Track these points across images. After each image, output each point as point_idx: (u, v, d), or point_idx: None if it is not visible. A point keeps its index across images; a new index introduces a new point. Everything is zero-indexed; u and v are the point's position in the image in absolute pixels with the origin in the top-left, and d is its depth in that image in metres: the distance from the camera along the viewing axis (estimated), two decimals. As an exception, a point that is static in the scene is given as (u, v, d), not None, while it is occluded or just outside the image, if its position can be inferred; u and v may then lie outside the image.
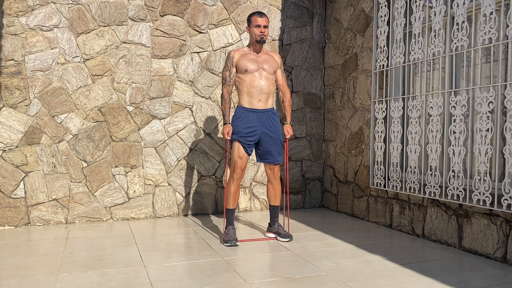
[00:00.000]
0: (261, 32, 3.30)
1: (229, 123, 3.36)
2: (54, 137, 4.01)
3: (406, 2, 3.74)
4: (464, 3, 3.09)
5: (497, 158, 3.00)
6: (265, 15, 3.35)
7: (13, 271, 2.65)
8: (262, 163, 4.63)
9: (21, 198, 3.92)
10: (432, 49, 3.37)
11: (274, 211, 3.51)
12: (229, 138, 3.33)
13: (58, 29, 4.00)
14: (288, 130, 3.47)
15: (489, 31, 2.89)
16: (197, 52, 4.44)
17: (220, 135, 4.51)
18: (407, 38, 3.78)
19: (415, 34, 3.56)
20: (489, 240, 2.92)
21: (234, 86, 3.44)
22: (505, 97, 2.85)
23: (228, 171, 4.35)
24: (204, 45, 4.46)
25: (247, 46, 3.44)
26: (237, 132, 3.32)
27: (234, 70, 3.35)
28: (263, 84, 3.33)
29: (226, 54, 4.53)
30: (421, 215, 3.53)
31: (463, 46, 3.11)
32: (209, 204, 4.52)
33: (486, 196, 2.89)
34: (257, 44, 3.36)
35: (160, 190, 4.34)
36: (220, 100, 3.35)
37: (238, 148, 3.32)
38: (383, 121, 3.96)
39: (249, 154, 3.36)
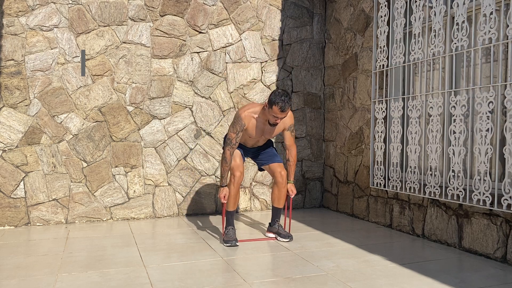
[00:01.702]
0: (276, 122, 3.15)
1: (226, 186, 3.33)
2: (54, 137, 4.01)
3: (406, 2, 3.74)
4: (464, 3, 3.09)
5: (497, 158, 3.00)
6: (289, 105, 3.06)
7: (13, 271, 2.65)
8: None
9: (21, 198, 3.92)
10: (432, 49, 3.37)
11: (276, 212, 3.50)
12: (225, 202, 3.35)
13: (58, 29, 4.00)
14: (292, 189, 3.46)
15: (489, 31, 2.89)
16: (197, 52, 4.44)
17: (219, 134, 4.51)
18: (407, 38, 3.78)
19: (415, 34, 3.56)
20: (489, 240, 2.92)
21: None
22: (505, 97, 2.85)
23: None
24: (204, 45, 4.46)
25: (262, 109, 3.23)
26: None
27: (241, 134, 3.28)
28: (259, 144, 3.47)
29: (227, 54, 4.53)
30: (421, 215, 3.53)
31: (463, 46, 3.11)
32: (209, 204, 4.52)
33: (486, 196, 2.89)
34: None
35: (160, 190, 4.34)
36: (221, 161, 3.34)
37: (234, 153, 3.38)
38: (383, 121, 3.96)
39: (244, 157, 3.46)
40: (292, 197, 3.49)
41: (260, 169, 3.66)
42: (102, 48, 4.13)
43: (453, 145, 3.16)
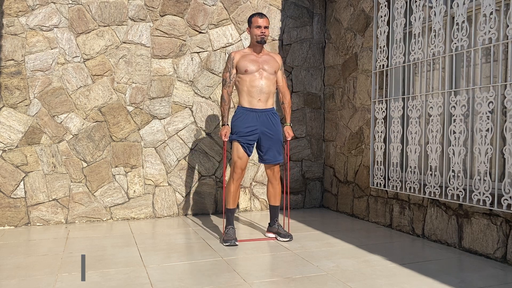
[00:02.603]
0: (262, 32, 3.32)
1: (227, 124, 3.38)
2: (54, 137, 4.01)
3: (406, 2, 3.74)
4: (464, 3, 3.09)
5: (497, 158, 3.00)
6: (266, 16, 3.36)
7: (13, 271, 2.65)
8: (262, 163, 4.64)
9: (21, 198, 3.92)
10: (432, 49, 3.37)
11: (274, 211, 3.51)
12: (226, 139, 3.35)
13: (58, 29, 4.00)
14: (288, 132, 3.49)
15: (489, 31, 2.89)
16: (197, 52, 4.44)
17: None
18: (407, 38, 3.78)
19: (415, 34, 3.55)
20: (489, 240, 2.92)
21: (234, 87, 3.46)
22: (505, 97, 2.85)
23: (227, 171, 4.36)
24: (204, 45, 4.46)
25: (247, 47, 3.46)
26: (237, 132, 3.33)
27: (234, 71, 3.37)
28: (263, 84, 3.34)
29: (226, 54, 4.53)
30: (421, 215, 3.53)
31: (463, 46, 3.11)
32: (209, 204, 4.52)
33: (486, 196, 2.89)
34: (257, 44, 3.37)
35: (160, 190, 4.34)
36: (219, 101, 3.38)
37: (237, 148, 3.33)
38: (383, 121, 3.96)
39: (249, 155, 3.36)
40: (289, 139, 3.51)
41: (259, 161, 3.52)
42: (102, 48, 4.13)
43: (453, 145, 3.16)
